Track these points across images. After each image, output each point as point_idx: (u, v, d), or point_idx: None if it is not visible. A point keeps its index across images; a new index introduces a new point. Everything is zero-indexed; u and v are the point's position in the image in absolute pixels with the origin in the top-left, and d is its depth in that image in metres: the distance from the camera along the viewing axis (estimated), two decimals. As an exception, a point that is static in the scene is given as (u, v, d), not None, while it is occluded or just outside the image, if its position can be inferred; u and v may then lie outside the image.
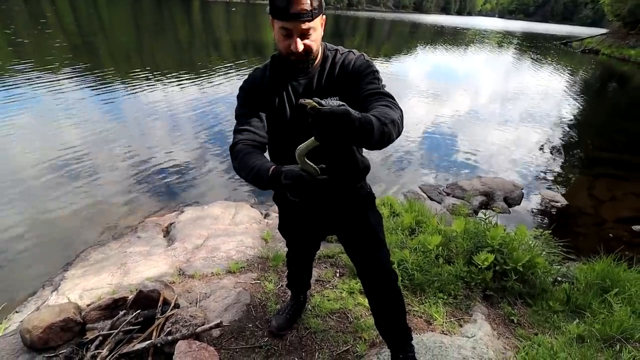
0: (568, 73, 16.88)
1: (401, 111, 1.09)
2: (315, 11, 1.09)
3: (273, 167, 1.06)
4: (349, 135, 0.86)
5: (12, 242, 3.13)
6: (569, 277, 2.49)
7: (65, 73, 8.24)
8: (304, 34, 1.12)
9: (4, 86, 6.83)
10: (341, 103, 0.87)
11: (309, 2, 1.07)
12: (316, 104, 0.85)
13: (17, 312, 2.29)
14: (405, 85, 10.69)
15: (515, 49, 27.74)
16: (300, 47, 1.12)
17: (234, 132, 1.27)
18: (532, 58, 22.04)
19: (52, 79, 7.61)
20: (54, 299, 2.19)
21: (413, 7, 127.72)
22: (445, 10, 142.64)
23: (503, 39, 36.23)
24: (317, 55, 1.22)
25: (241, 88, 1.30)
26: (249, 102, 1.28)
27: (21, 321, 1.77)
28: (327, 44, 1.28)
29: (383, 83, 1.20)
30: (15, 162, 4.46)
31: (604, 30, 33.50)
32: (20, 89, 6.78)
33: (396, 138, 1.02)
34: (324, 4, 1.14)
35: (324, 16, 1.17)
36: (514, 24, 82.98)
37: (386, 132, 0.94)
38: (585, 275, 2.44)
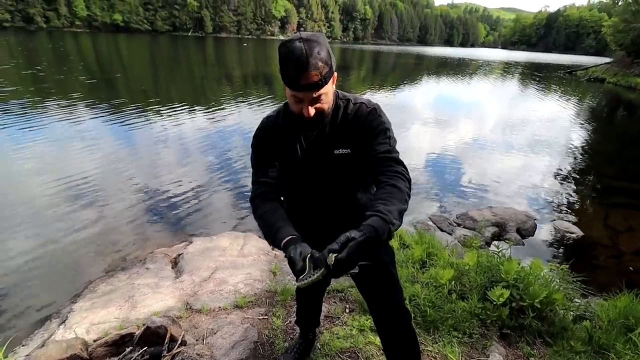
0: (575, 101, 16.95)
1: (409, 180, 1.14)
2: (325, 79, 1.11)
3: (286, 240, 1.12)
4: (361, 259, 0.98)
5: (22, 271, 3.14)
6: (590, 314, 2.39)
7: (85, 107, 8.58)
8: (315, 100, 1.14)
9: (30, 118, 7.11)
10: (350, 237, 0.97)
11: (318, 73, 1.08)
12: (334, 254, 0.96)
13: (23, 345, 2.25)
14: (411, 115, 10.82)
15: (520, 78, 28.11)
16: (312, 113, 1.15)
17: (252, 183, 1.33)
18: (537, 86, 22.28)
19: (73, 113, 7.94)
20: (61, 333, 2.15)
21: (417, 39, 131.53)
22: (448, 42, 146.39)
23: (507, 68, 36.83)
24: (329, 112, 1.24)
25: (254, 137, 1.34)
26: (262, 151, 1.32)
27: (27, 355, 1.75)
28: (339, 91, 1.30)
29: (393, 139, 1.23)
30: (28, 190, 4.56)
31: (608, 59, 33.89)
32: (43, 121, 7.06)
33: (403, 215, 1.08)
34: (333, 64, 1.14)
35: (335, 73, 1.18)
36: (517, 54, 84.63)
37: (392, 230, 1.01)
38: (607, 312, 2.34)
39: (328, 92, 1.16)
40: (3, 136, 6.13)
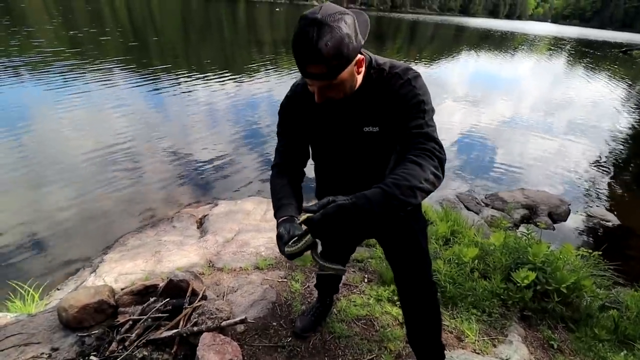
0: (626, 83, 15.70)
1: (440, 159, 1.00)
2: (335, 72, 0.99)
3: (281, 219, 1.12)
4: (347, 227, 0.90)
5: (59, 224, 3.32)
6: (618, 303, 2.29)
7: (118, 69, 8.73)
8: (325, 89, 1.04)
9: (65, 79, 7.33)
10: (332, 199, 0.92)
11: (324, 66, 0.96)
12: (308, 215, 0.92)
13: (58, 289, 2.42)
14: (446, 90, 10.39)
15: (568, 56, 26.22)
16: (320, 100, 1.07)
17: (275, 150, 1.32)
18: (585, 66, 20.74)
19: (106, 74, 8.09)
20: (91, 280, 2.29)
21: (459, 9, 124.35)
22: (493, 13, 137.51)
23: (554, 45, 34.34)
24: (352, 91, 1.12)
25: (281, 105, 1.29)
26: (286, 119, 1.28)
27: (61, 299, 1.86)
28: (374, 57, 1.16)
29: (430, 113, 1.08)
30: (66, 148, 4.76)
31: (670, 39, 30.90)
32: (80, 83, 7.24)
33: (424, 196, 0.95)
34: (353, 50, 0.98)
35: (361, 56, 1.06)
36: (569, 29, 78.44)
37: (394, 204, 0.89)
38: (637, 303, 2.24)
39: (344, 81, 1.04)
40: (46, 96, 6.37)
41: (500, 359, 1.75)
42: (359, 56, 1.05)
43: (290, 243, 1.03)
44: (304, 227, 0.99)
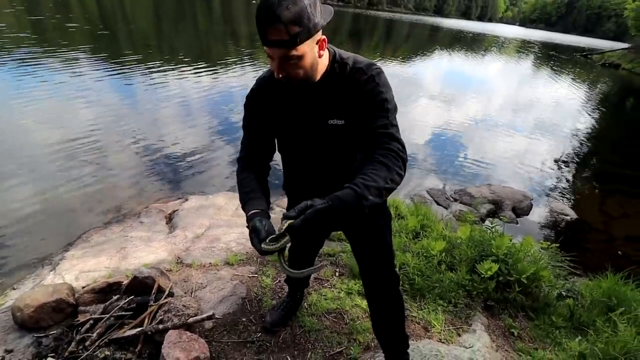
0: (586, 85, 16.56)
1: (403, 159, 1.05)
2: (296, 39, 0.97)
3: (251, 212, 1.12)
4: (323, 228, 0.95)
5: (18, 219, 3.14)
6: (574, 292, 2.42)
7: (86, 58, 8.30)
8: (285, 60, 1.02)
9: (27, 68, 6.89)
10: (309, 204, 0.95)
11: (285, 31, 0.95)
12: (289, 220, 0.95)
13: (14, 289, 2.29)
14: (418, 88, 10.59)
15: (534, 58, 27.32)
16: (280, 74, 1.04)
17: (240, 144, 1.31)
18: (549, 68, 21.70)
19: (72, 63, 7.66)
20: (50, 279, 2.18)
21: (433, 9, 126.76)
22: (465, 15, 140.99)
23: (522, 47, 35.68)
24: (313, 76, 1.11)
25: (247, 97, 1.28)
26: (251, 113, 1.27)
27: (16, 298, 1.77)
28: (338, 51, 1.17)
29: (393, 112, 1.11)
30: (29, 139, 4.49)
31: (626, 45, 32.87)
32: (44, 72, 6.83)
33: (389, 194, 1.03)
34: (314, 24, 0.99)
35: (323, 36, 1.06)
36: (535, 33, 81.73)
37: (364, 204, 0.95)
38: (591, 291, 2.38)
39: (305, 55, 1.02)
40: (6, 85, 5.97)
41: (464, 347, 1.81)
42: (321, 36, 1.05)
43: (267, 240, 1.03)
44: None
